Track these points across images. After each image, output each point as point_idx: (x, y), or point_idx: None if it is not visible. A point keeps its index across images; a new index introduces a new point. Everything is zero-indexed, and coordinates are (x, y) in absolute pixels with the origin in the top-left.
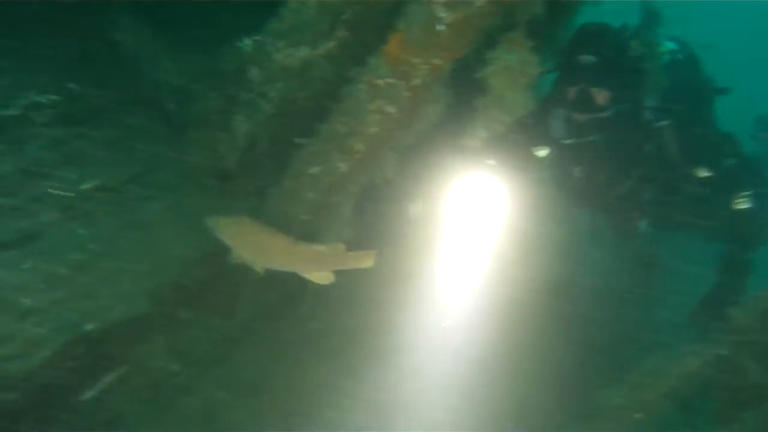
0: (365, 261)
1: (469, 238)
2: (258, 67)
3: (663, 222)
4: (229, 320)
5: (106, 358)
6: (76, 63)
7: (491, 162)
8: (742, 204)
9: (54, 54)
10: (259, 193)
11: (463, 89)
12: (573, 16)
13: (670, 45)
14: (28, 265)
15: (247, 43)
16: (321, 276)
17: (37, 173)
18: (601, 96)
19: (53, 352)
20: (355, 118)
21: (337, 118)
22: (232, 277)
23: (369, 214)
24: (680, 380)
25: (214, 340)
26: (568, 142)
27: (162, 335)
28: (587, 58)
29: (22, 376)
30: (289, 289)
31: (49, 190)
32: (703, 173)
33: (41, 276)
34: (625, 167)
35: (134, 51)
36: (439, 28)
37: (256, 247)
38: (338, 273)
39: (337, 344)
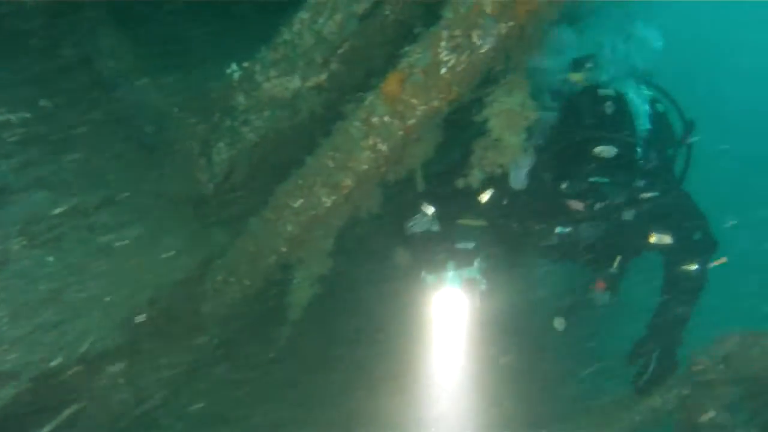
0: None
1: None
2: (245, 94)
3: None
4: (193, 350)
5: (68, 390)
6: (49, 79)
7: (431, 207)
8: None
9: (27, 70)
10: (235, 221)
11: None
12: None
13: (648, 93)
14: None
15: (234, 69)
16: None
17: (5, 196)
18: (613, 193)
19: (18, 391)
20: (345, 153)
21: (326, 151)
22: (200, 307)
23: None
24: (644, 416)
25: (177, 371)
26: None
27: (125, 366)
28: (607, 151)
29: None
30: (259, 318)
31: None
32: (666, 241)
33: (8, 307)
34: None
35: (112, 69)
36: (442, 71)
37: None
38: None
39: (302, 375)
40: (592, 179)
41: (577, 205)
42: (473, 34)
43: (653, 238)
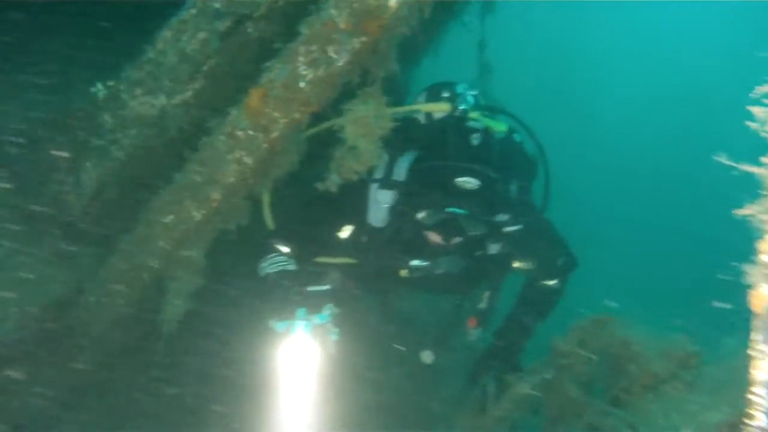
0: None
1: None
2: (111, 113)
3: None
4: (67, 378)
5: None
6: None
7: (285, 247)
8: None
9: None
10: (106, 241)
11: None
12: None
13: (505, 122)
14: None
15: (99, 88)
16: None
17: None
18: (471, 225)
19: None
20: (212, 167)
21: (194, 167)
22: (73, 330)
23: None
24: (514, 404)
25: (49, 400)
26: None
27: None
28: (469, 183)
29: None
30: (134, 340)
31: None
32: (529, 266)
33: None
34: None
35: None
36: (301, 84)
37: None
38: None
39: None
40: (449, 209)
41: (435, 237)
42: (329, 49)
43: (516, 264)
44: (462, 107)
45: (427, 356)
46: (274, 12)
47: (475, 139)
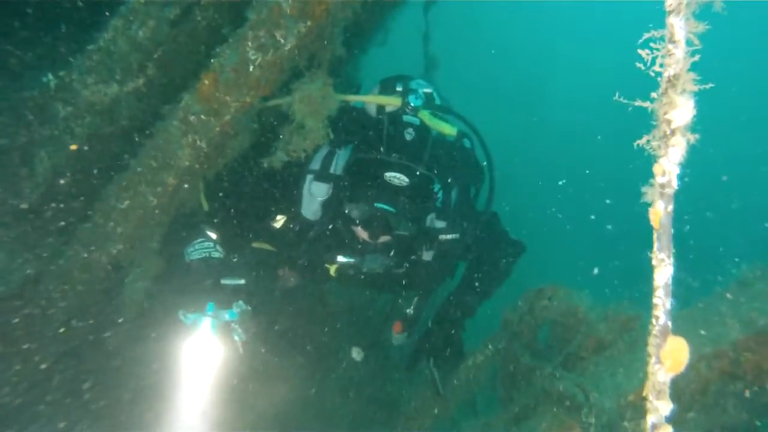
0: None
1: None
2: (63, 102)
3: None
4: (27, 369)
5: None
6: None
7: (213, 233)
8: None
9: None
10: (64, 230)
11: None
12: None
13: (456, 125)
14: None
15: (51, 78)
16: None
17: None
18: (399, 224)
19: None
20: (167, 152)
21: (148, 152)
22: (33, 320)
23: None
24: (470, 373)
25: (8, 394)
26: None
27: None
28: (398, 179)
29: None
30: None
31: None
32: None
33: None
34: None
35: None
36: (251, 68)
37: None
38: None
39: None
40: (378, 205)
41: (362, 233)
42: (276, 34)
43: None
44: (413, 104)
45: (356, 353)
46: None
47: (409, 135)
